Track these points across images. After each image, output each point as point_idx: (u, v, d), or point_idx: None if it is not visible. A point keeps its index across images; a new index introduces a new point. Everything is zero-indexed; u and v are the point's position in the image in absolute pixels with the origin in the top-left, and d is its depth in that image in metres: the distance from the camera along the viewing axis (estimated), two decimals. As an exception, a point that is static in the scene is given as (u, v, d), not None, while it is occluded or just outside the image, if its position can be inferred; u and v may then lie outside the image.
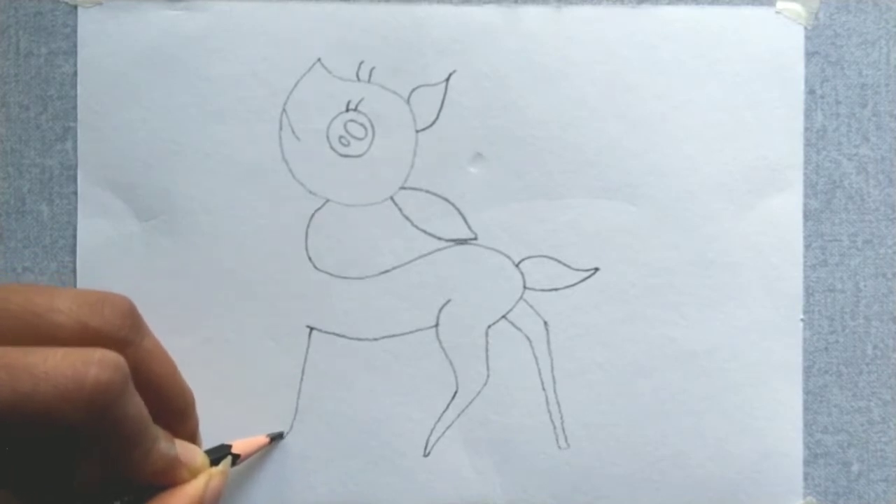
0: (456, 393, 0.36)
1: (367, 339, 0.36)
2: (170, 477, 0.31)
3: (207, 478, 0.32)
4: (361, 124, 0.36)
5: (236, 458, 0.34)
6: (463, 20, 0.37)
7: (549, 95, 0.37)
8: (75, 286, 0.36)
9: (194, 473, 0.32)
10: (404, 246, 0.36)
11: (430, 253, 0.36)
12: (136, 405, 0.28)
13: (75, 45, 0.36)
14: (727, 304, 0.36)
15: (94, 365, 0.26)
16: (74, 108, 0.36)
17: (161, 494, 0.30)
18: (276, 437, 0.36)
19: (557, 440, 0.36)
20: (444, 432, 0.36)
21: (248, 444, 0.35)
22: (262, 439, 0.36)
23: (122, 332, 0.29)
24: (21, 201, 0.37)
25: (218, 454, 0.33)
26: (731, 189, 0.37)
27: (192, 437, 0.33)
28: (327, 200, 0.36)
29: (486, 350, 0.36)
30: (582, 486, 0.36)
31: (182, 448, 0.31)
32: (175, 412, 0.32)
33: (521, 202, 0.37)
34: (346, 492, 0.36)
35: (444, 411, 0.36)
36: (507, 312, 0.36)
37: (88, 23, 0.36)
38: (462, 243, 0.37)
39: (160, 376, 0.31)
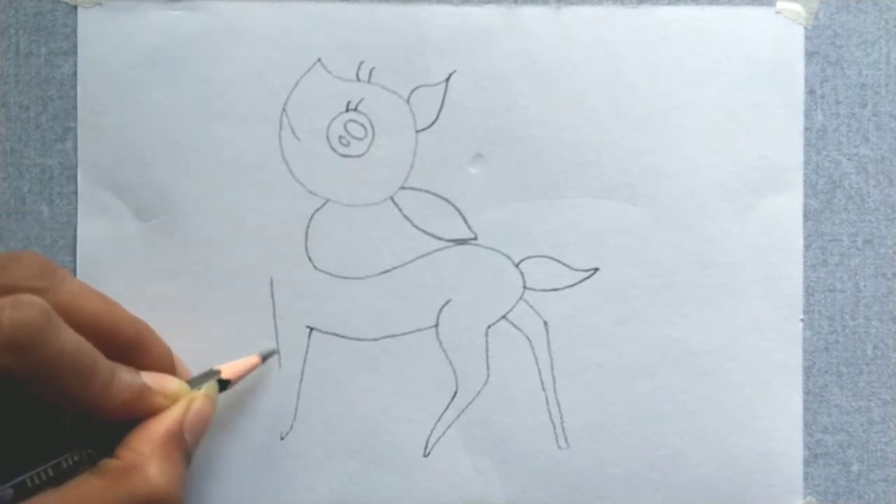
0: (456, 393, 0.36)
1: (366, 340, 0.36)
2: (144, 406, 0.30)
3: (188, 402, 0.32)
4: (361, 124, 0.36)
5: (227, 384, 0.34)
6: (463, 20, 0.37)
7: (549, 95, 0.37)
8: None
9: (172, 399, 0.31)
10: (404, 246, 0.36)
11: (430, 253, 0.36)
12: (72, 340, 0.28)
13: (75, 45, 0.36)
14: (727, 304, 0.36)
15: (7, 308, 0.26)
16: (74, 108, 0.36)
17: (140, 424, 0.30)
18: (269, 356, 0.35)
19: (557, 440, 0.36)
20: (443, 432, 0.36)
21: (237, 366, 0.34)
22: (253, 359, 0.35)
23: (33, 282, 0.28)
24: (21, 201, 0.37)
25: (204, 381, 0.33)
26: (731, 189, 0.37)
27: (168, 371, 0.33)
28: (327, 200, 0.36)
29: (486, 350, 0.36)
30: (582, 486, 0.36)
31: (151, 377, 0.31)
32: (129, 346, 0.31)
33: (521, 202, 0.37)
34: (346, 492, 0.36)
35: (443, 411, 0.36)
36: (507, 312, 0.36)
37: (88, 23, 0.36)
38: (462, 243, 0.37)
39: (94, 314, 0.30)
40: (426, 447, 0.36)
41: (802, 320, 0.37)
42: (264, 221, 0.36)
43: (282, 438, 0.36)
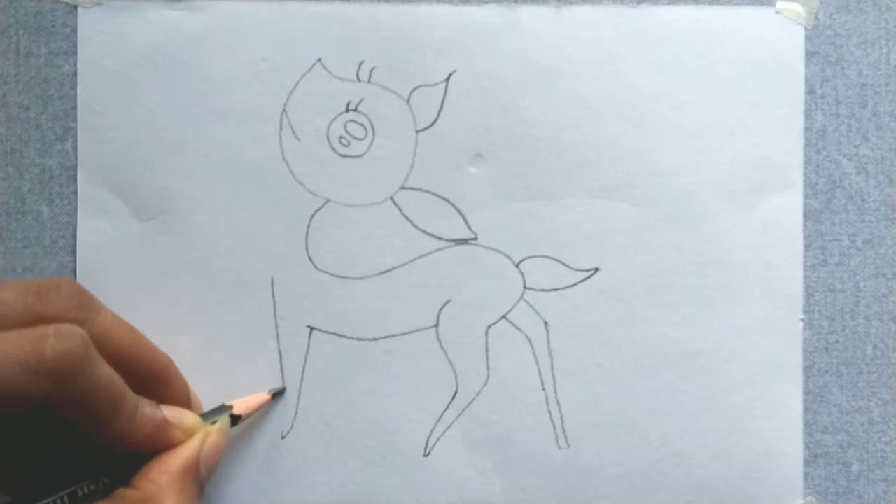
0: (456, 393, 0.36)
1: (367, 339, 0.36)
2: (163, 440, 0.31)
3: (203, 436, 0.32)
4: (361, 124, 0.36)
5: (238, 419, 0.34)
6: (463, 20, 0.37)
7: (549, 95, 0.37)
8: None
9: (188, 433, 0.32)
10: (404, 246, 0.36)
11: (430, 253, 0.36)
12: (106, 372, 0.28)
13: (75, 45, 0.36)
14: (727, 304, 0.36)
15: (51, 337, 0.27)
16: (74, 108, 0.36)
17: (157, 457, 0.31)
18: (278, 394, 0.36)
19: (557, 440, 0.36)
20: (444, 432, 0.36)
21: (248, 402, 0.35)
22: (264, 396, 0.36)
23: (70, 313, 0.29)
24: (21, 201, 0.37)
25: (217, 415, 0.34)
26: (731, 189, 0.37)
27: (184, 404, 0.33)
28: (327, 200, 0.36)
29: (486, 350, 0.36)
30: (582, 486, 0.36)
31: (170, 411, 0.32)
32: (152, 379, 0.32)
33: (521, 202, 0.37)
34: (346, 492, 0.36)
35: (444, 411, 0.36)
36: (507, 312, 0.36)
37: (88, 23, 0.36)
38: (462, 243, 0.37)
39: (124, 346, 0.31)
40: (426, 447, 0.36)
41: (802, 320, 0.37)
42: (264, 221, 0.36)
43: (282, 438, 0.36)
